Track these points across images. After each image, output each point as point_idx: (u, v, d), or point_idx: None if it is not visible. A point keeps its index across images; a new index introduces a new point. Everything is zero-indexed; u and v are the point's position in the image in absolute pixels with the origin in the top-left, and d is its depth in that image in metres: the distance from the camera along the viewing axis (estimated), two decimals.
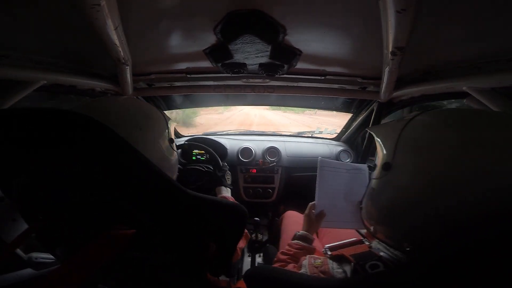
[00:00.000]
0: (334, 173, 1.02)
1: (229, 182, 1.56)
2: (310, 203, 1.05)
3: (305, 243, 0.96)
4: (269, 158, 1.99)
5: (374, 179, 0.61)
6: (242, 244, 1.09)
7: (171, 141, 0.79)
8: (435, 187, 0.47)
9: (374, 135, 0.66)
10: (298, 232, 1.01)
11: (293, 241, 0.98)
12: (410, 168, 0.52)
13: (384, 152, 0.58)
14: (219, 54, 1.00)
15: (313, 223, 1.01)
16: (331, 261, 0.64)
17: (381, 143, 0.61)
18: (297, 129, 7.20)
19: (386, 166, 0.56)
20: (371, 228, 0.62)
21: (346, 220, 0.96)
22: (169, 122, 0.80)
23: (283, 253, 0.95)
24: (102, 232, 0.58)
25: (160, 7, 0.73)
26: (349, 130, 2.01)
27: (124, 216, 0.60)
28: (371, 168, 0.62)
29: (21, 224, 0.98)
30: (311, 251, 0.95)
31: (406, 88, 1.10)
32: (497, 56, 0.73)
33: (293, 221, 1.49)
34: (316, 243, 1.27)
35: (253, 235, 1.51)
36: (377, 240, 0.63)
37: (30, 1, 0.61)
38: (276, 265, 0.92)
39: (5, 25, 0.67)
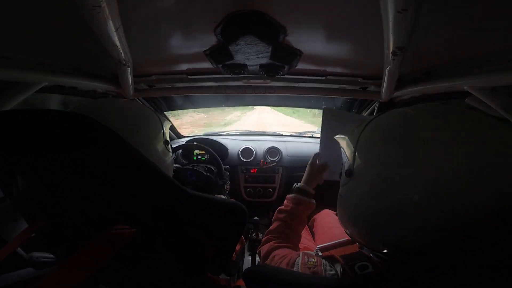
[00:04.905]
0: (339, 123, 0.95)
1: (227, 191, 1.57)
2: (315, 153, 1.01)
3: (304, 197, 0.92)
4: (269, 158, 1.99)
5: (340, 186, 0.61)
6: (237, 246, 1.09)
7: (166, 142, 0.80)
8: (387, 187, 0.48)
9: (340, 142, 0.66)
10: (297, 184, 0.96)
11: (290, 195, 0.94)
12: (367, 170, 0.52)
13: (347, 158, 0.58)
14: (219, 55, 1.00)
15: (315, 174, 0.98)
16: (324, 261, 0.63)
17: (344, 150, 0.61)
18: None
19: (348, 173, 0.56)
20: (348, 232, 0.62)
21: None
22: (164, 123, 0.81)
23: (280, 210, 0.92)
24: (102, 231, 0.58)
25: (160, 8, 0.73)
26: None
27: (124, 215, 0.60)
28: (340, 175, 0.63)
29: (23, 224, 0.98)
30: (310, 206, 0.92)
31: (407, 88, 1.10)
32: (498, 55, 0.73)
33: (329, 221, 1.41)
34: (310, 243, 1.27)
35: (253, 235, 1.51)
36: None
37: (30, 3, 0.61)
38: (274, 224, 0.89)
39: (6, 26, 0.68)
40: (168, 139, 0.82)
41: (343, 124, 0.92)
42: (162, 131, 0.80)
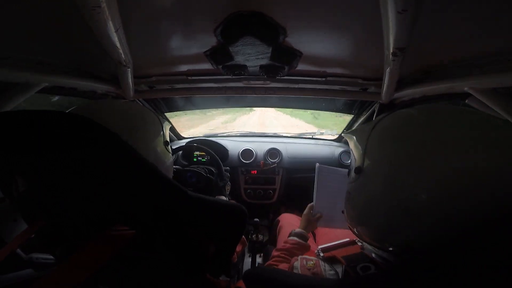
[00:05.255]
0: (331, 178, 1.08)
1: (228, 192, 1.57)
2: (310, 204, 1.09)
3: (301, 240, 0.99)
4: (270, 160, 1.99)
5: (349, 183, 0.61)
6: (238, 248, 1.09)
7: (166, 143, 0.80)
8: (399, 187, 0.47)
9: (348, 140, 0.66)
10: (295, 229, 1.04)
11: (289, 238, 1.01)
12: (376, 170, 0.53)
13: (356, 156, 0.59)
14: (219, 56, 1.00)
15: (311, 223, 1.07)
16: (323, 263, 0.64)
17: (353, 147, 0.62)
18: None
19: (357, 170, 0.56)
20: (355, 230, 0.62)
21: (343, 220, 0.98)
22: (164, 124, 0.81)
23: (277, 249, 0.96)
24: (102, 232, 0.58)
25: (160, 9, 0.73)
26: None
27: (125, 215, 0.60)
28: (349, 172, 0.63)
29: (22, 224, 0.98)
30: (306, 248, 0.97)
31: (407, 89, 1.10)
32: (499, 56, 0.73)
33: (288, 223, 1.51)
34: (311, 243, 1.27)
35: (254, 236, 1.51)
36: None
37: (30, 3, 0.62)
38: (270, 261, 0.92)
39: (6, 27, 0.68)
40: (168, 140, 0.82)
41: (334, 178, 1.09)
42: (162, 132, 0.79)
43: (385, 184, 0.50)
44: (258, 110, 12.44)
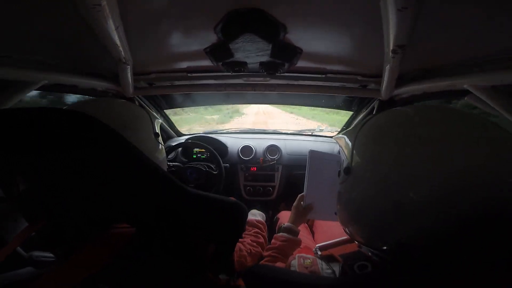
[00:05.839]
0: (324, 165, 1.01)
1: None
2: (300, 194, 1.05)
3: (290, 235, 0.96)
4: (269, 156, 1.99)
5: (339, 184, 0.61)
6: (250, 262, 1.04)
7: (156, 135, 0.80)
8: (386, 184, 0.48)
9: (338, 142, 0.66)
10: (283, 224, 1.01)
11: (278, 234, 0.99)
12: (363, 168, 0.53)
13: (345, 157, 0.59)
14: (219, 53, 1.00)
15: (301, 215, 1.02)
16: (320, 261, 0.64)
17: (343, 148, 0.62)
18: None
19: (346, 170, 0.56)
20: (347, 230, 0.62)
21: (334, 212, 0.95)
22: (154, 120, 0.83)
23: (268, 248, 0.95)
24: (103, 231, 0.58)
25: (160, 6, 0.73)
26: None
27: (126, 215, 0.60)
28: (339, 173, 0.63)
29: (23, 224, 0.98)
30: (296, 243, 0.96)
31: (407, 86, 1.10)
32: (498, 54, 0.73)
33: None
34: (310, 242, 1.27)
35: None
36: None
37: (30, 2, 0.61)
38: (262, 261, 0.92)
39: (6, 25, 0.67)
40: (158, 132, 0.83)
41: (327, 165, 0.99)
42: (152, 127, 0.80)
43: (372, 182, 0.50)
44: (252, 116, 10.48)
